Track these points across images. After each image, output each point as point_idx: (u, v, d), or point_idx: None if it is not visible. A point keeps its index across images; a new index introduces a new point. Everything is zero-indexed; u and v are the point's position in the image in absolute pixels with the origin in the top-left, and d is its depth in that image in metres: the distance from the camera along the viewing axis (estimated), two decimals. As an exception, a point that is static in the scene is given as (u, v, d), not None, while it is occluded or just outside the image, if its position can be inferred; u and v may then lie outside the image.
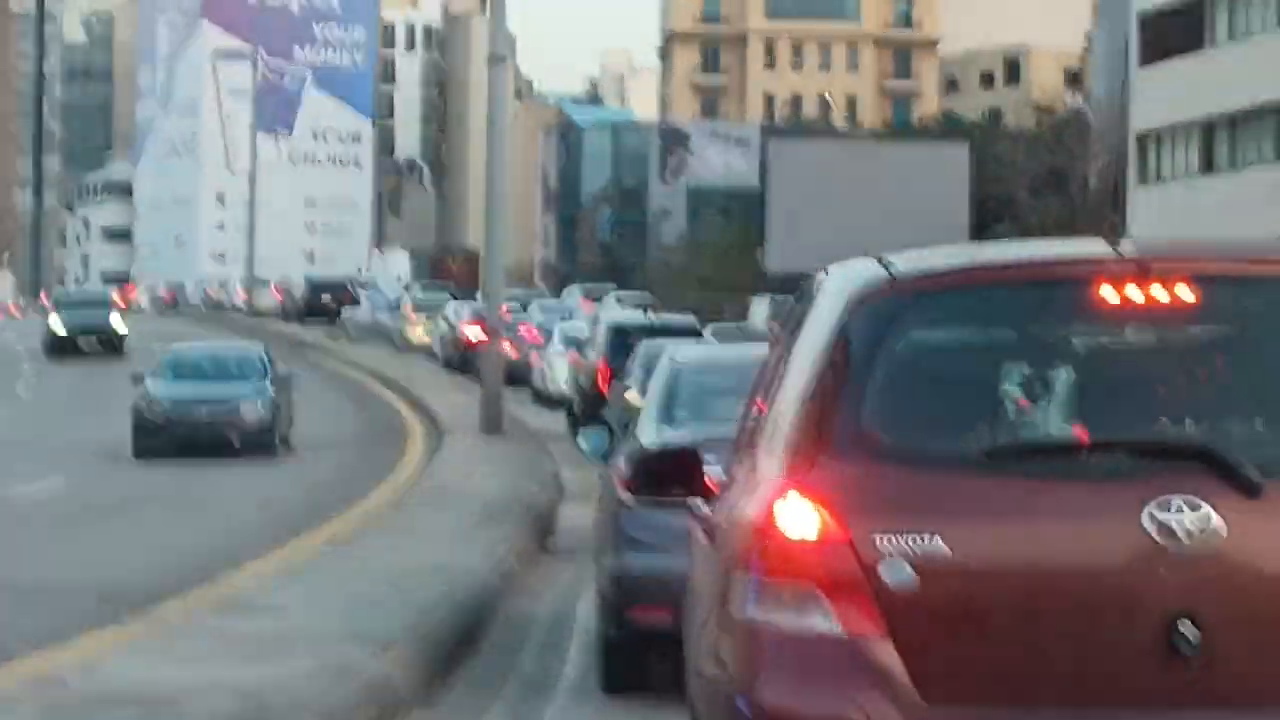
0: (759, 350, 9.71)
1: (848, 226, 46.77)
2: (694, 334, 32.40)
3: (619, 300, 63.05)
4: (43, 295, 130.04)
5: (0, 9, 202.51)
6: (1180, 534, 5.22)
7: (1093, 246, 5.86)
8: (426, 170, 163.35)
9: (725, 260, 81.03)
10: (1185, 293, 5.50)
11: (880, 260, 5.81)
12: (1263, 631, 5.24)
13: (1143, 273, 5.51)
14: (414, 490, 21.50)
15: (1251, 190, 58.97)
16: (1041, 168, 79.57)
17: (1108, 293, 5.49)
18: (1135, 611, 5.23)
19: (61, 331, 56.35)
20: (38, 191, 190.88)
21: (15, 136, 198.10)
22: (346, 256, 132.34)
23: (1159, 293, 5.49)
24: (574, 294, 74.24)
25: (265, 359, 33.48)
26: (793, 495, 5.37)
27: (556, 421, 34.68)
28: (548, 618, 13.89)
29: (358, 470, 26.36)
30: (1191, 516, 5.23)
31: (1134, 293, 5.49)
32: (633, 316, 38.40)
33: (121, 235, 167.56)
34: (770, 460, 5.67)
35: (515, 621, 13.55)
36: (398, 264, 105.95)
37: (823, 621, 5.29)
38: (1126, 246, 5.71)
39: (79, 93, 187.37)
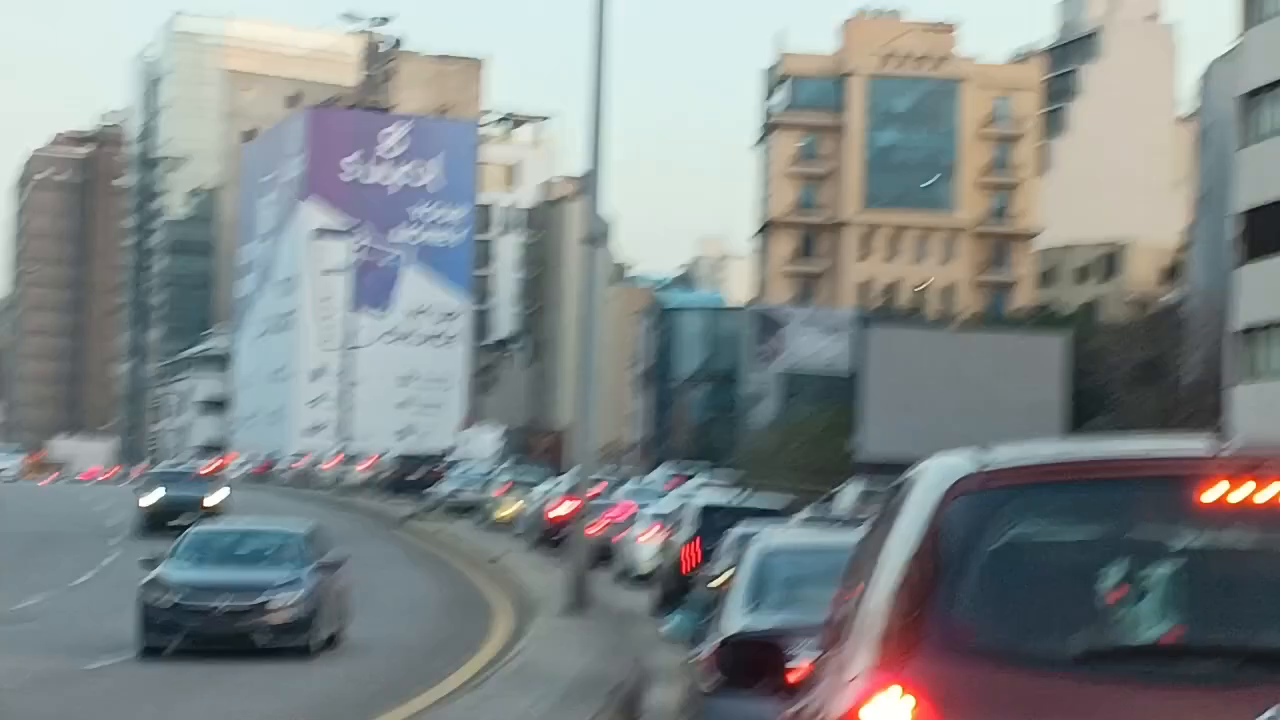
0: (850, 537, 9.66)
1: (942, 415, 46.51)
2: (782, 516, 32.36)
3: (707, 481, 62.36)
4: (141, 468, 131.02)
5: (106, 184, 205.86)
6: None
7: (1195, 444, 5.70)
8: (520, 349, 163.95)
9: (818, 445, 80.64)
10: None
11: (977, 451, 5.72)
12: None
13: (1246, 472, 5.35)
14: (495, 669, 21.02)
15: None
16: (1138, 360, 79.08)
17: (1210, 492, 5.33)
18: None
19: (152, 505, 54.05)
20: (138, 362, 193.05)
21: (117, 309, 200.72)
22: (438, 433, 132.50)
23: (1263, 494, 5.32)
24: (662, 473, 73.92)
25: (308, 541, 28.08)
26: (884, 693, 5.21)
27: (641, 601, 34.46)
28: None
29: (436, 652, 25.85)
30: None
31: (1237, 493, 5.33)
32: (722, 497, 38.37)
33: (218, 406, 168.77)
34: (860, 655, 5.51)
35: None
36: (487, 440, 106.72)
37: None
38: (1229, 444, 5.59)
39: (181, 267, 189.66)
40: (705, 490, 48.23)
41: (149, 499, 55.06)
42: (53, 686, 22.05)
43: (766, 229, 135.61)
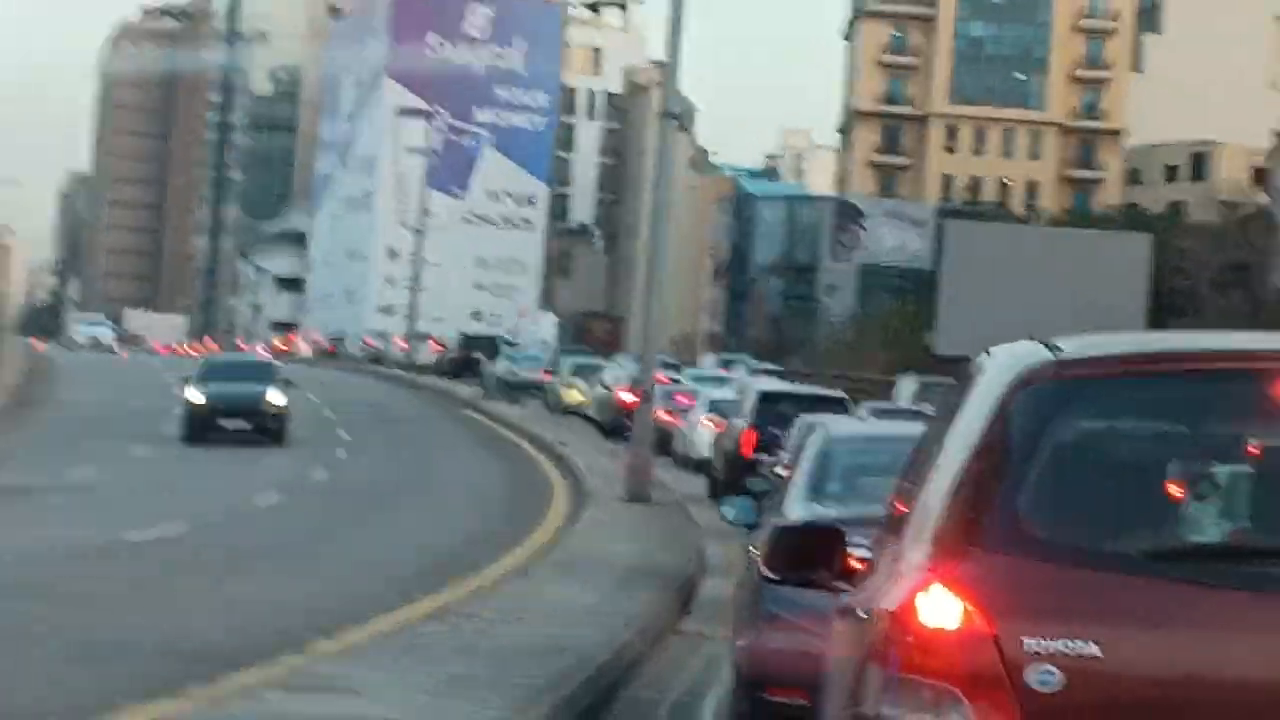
0: (917, 428, 9.25)
1: (1021, 313, 45.42)
2: (842, 406, 32.49)
3: (750, 370, 62.14)
4: (207, 340, 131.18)
5: (191, 58, 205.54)
6: None
7: (1273, 339, 5.49)
8: (599, 235, 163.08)
9: (895, 340, 79.79)
10: None
11: (1046, 343, 5.53)
12: None
13: None
14: (545, 557, 20.09)
15: None
16: (1225, 263, 78.03)
17: None
18: None
19: (201, 403, 44.18)
20: (215, 238, 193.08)
21: (198, 184, 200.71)
22: (511, 316, 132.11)
23: None
24: (710, 362, 74.19)
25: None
26: (936, 587, 5.09)
27: (698, 487, 34.13)
28: (670, 713, 12.46)
29: (490, 534, 24.99)
30: None
31: None
32: (782, 385, 38.95)
33: (293, 284, 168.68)
34: (916, 548, 5.34)
35: (635, 714, 12.13)
36: (545, 325, 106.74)
37: None
38: None
39: (262, 144, 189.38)
40: (762, 378, 48.03)
41: (197, 396, 44.42)
42: (90, 560, 21.28)
43: (851, 121, 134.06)
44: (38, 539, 23.04)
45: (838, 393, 36.42)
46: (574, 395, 58.21)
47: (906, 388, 48.65)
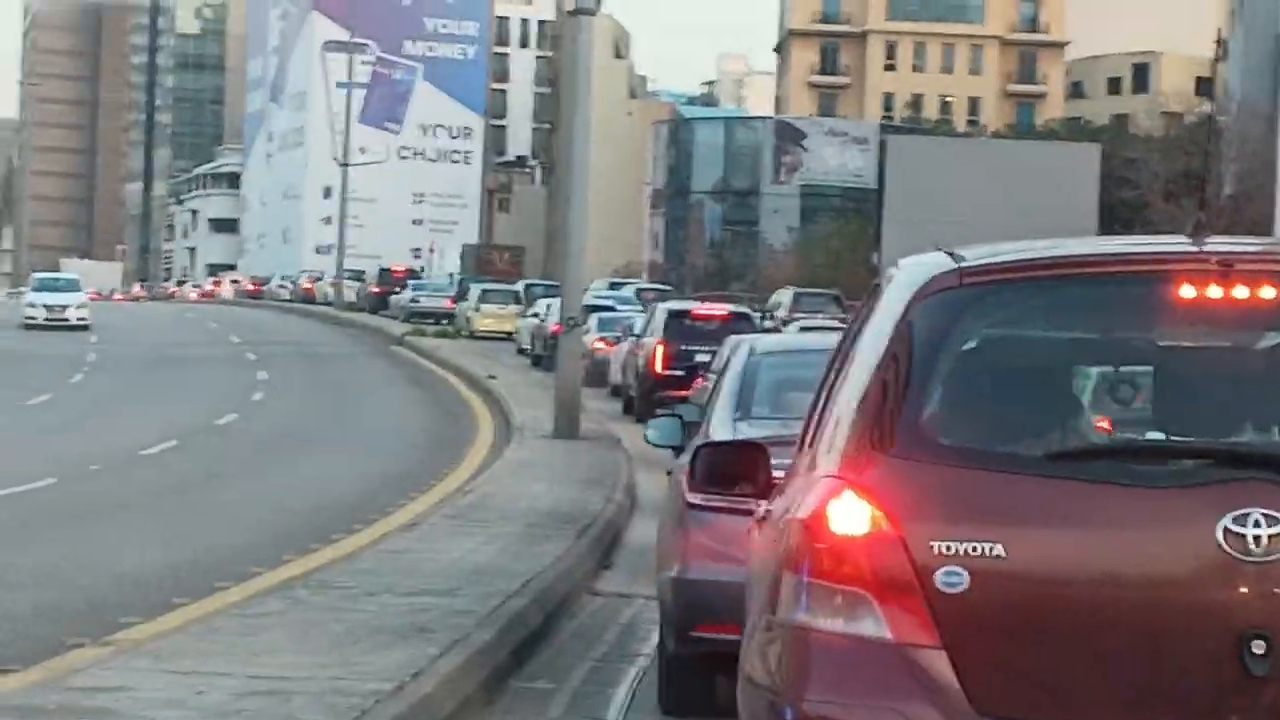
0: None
1: (968, 229, 44.12)
2: (749, 321, 34.13)
3: (638, 291, 64.77)
4: (137, 287, 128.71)
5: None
6: (1257, 548, 4.98)
7: (1173, 242, 5.57)
8: (536, 167, 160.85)
9: (839, 261, 78.23)
10: (1271, 293, 5.23)
11: (950, 252, 5.58)
12: None
13: (1225, 271, 5.24)
14: (445, 506, 17.82)
15: None
16: (1175, 172, 77.18)
17: (1187, 291, 5.22)
18: (1204, 628, 4.99)
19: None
20: (147, 183, 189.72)
21: (128, 128, 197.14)
22: (453, 251, 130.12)
23: (1242, 292, 5.22)
24: (599, 285, 74.74)
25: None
26: (847, 494, 5.20)
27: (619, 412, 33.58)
28: (570, 707, 10.24)
29: (403, 477, 22.73)
30: (1270, 530, 4.98)
31: (1215, 291, 5.22)
32: (689, 304, 39.87)
33: (229, 226, 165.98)
34: (828, 458, 5.45)
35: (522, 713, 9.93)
36: (451, 259, 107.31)
37: (873, 627, 5.11)
38: (1211, 243, 5.37)
39: (190, 84, 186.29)
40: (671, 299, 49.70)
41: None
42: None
43: (788, 41, 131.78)
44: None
45: (744, 309, 37.23)
46: (483, 321, 61.58)
47: (783, 300, 49.85)
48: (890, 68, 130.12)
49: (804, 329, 32.52)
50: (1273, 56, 69.36)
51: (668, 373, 31.49)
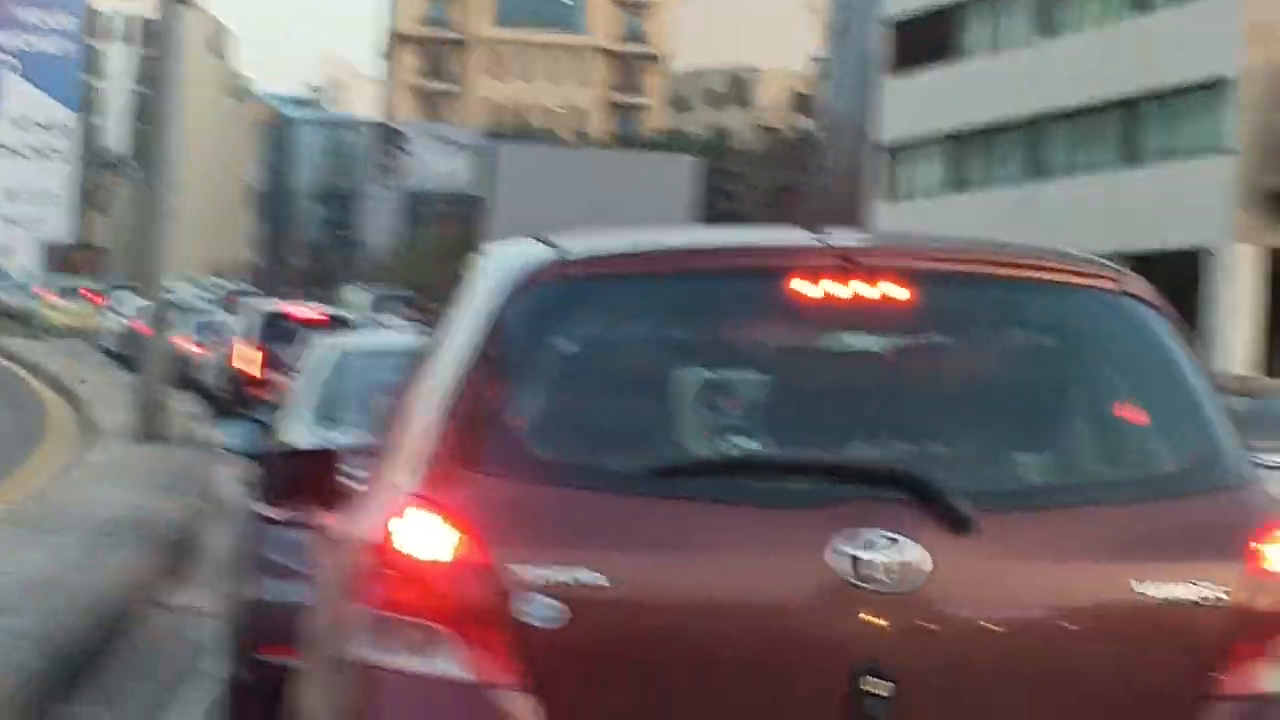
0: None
1: (571, 234, 45.23)
2: (346, 325, 32.90)
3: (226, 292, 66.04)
4: None
5: None
6: (873, 572, 4.48)
7: (791, 235, 5.08)
8: (136, 166, 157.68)
9: (443, 266, 78.18)
10: (895, 291, 4.75)
11: (547, 240, 5.02)
12: (966, 690, 4.49)
13: (846, 265, 4.75)
14: (8, 514, 16.75)
15: (999, 205, 57.40)
16: (773, 185, 79.34)
17: (804, 287, 4.74)
18: (816, 662, 4.50)
19: None
20: None
21: None
22: (36, 249, 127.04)
23: (864, 289, 4.74)
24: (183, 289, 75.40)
25: None
26: (423, 514, 4.59)
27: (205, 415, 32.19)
28: None
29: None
30: (887, 553, 4.49)
31: (835, 288, 4.74)
32: (292, 306, 39.50)
33: None
34: (404, 471, 4.79)
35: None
36: (31, 256, 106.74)
37: (449, 666, 4.54)
38: (832, 237, 4.91)
39: None
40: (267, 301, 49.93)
41: None
42: None
43: (394, 45, 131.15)
44: None
45: (344, 312, 37.15)
46: (58, 316, 62.40)
47: (357, 300, 52.03)
48: (496, 76, 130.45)
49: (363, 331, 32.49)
50: (863, 73, 71.44)
51: (262, 376, 30.95)
